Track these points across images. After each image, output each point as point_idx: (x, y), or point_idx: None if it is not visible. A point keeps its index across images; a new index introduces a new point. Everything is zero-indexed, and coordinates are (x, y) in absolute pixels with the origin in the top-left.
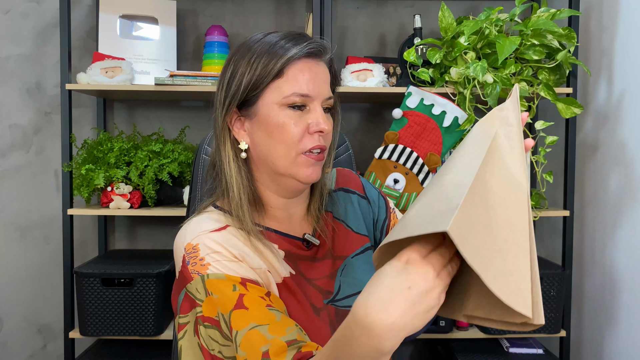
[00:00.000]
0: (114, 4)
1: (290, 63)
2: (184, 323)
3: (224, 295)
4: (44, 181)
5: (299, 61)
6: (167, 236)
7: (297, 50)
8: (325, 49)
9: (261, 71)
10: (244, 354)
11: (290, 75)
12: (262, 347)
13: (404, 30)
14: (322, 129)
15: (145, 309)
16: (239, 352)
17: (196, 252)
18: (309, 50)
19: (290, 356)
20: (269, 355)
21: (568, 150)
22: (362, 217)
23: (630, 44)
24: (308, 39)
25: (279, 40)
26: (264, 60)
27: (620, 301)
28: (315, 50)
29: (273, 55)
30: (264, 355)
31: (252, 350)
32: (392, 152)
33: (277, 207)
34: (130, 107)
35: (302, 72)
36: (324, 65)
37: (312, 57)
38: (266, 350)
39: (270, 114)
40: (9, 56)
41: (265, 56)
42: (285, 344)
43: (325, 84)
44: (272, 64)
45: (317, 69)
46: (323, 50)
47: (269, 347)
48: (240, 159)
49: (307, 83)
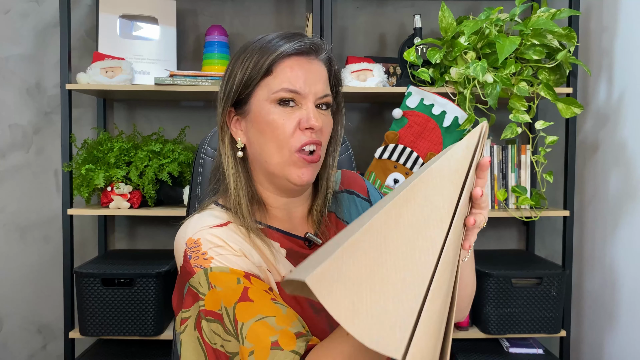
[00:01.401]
0: (114, 4)
1: (279, 60)
2: (186, 317)
3: (228, 288)
4: (44, 181)
5: (289, 58)
6: (167, 236)
7: (287, 47)
8: (318, 46)
9: (252, 69)
10: (251, 345)
11: (279, 72)
12: (271, 337)
13: (404, 30)
14: (312, 125)
15: (145, 309)
16: (245, 344)
17: (198, 247)
18: (298, 47)
19: (301, 345)
20: (278, 344)
21: (568, 150)
22: None
23: (630, 44)
24: (301, 37)
25: (273, 39)
26: (255, 59)
27: (620, 301)
28: (306, 47)
29: (263, 53)
30: (274, 344)
31: (260, 341)
32: (392, 152)
33: (276, 207)
34: (130, 107)
35: (291, 69)
36: (319, 63)
37: (303, 54)
38: (275, 340)
39: (261, 111)
40: (9, 56)
41: (257, 54)
42: (294, 334)
43: (319, 82)
44: (262, 61)
45: (308, 66)
46: (315, 48)
47: (278, 337)
48: (237, 158)
49: (297, 79)
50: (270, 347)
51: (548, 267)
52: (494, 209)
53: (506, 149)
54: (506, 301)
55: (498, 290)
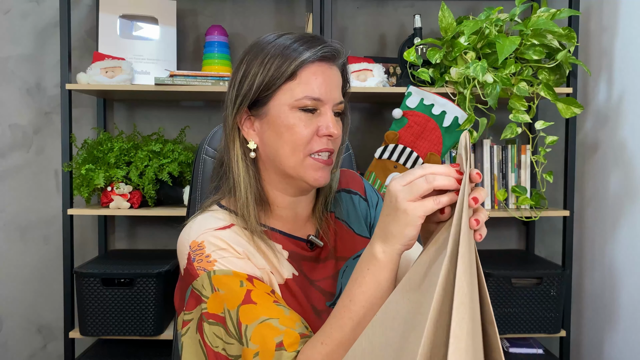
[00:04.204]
0: (114, 4)
1: (303, 66)
2: (188, 320)
3: (232, 290)
4: (44, 181)
5: (313, 64)
6: (167, 236)
7: (311, 53)
8: (339, 53)
9: (274, 72)
10: (255, 347)
11: (303, 78)
12: (275, 338)
13: (404, 30)
14: (331, 133)
15: (145, 309)
16: (250, 346)
17: (202, 250)
18: (323, 54)
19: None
20: (283, 345)
21: (568, 150)
22: (363, 218)
23: (630, 44)
24: (322, 42)
25: (293, 43)
26: (277, 62)
27: (620, 301)
28: (330, 54)
29: (287, 57)
30: (278, 345)
31: (265, 342)
32: (392, 152)
33: (283, 207)
34: (130, 107)
35: (315, 76)
36: (337, 69)
37: (325, 60)
38: (280, 341)
39: (281, 115)
40: (9, 56)
41: (279, 58)
42: (299, 335)
43: (337, 88)
44: (285, 65)
45: (329, 73)
46: (337, 54)
47: (283, 338)
48: (248, 158)
49: (320, 87)
50: (275, 348)
51: (548, 267)
52: (494, 209)
53: (506, 149)
54: (506, 301)
55: (498, 290)
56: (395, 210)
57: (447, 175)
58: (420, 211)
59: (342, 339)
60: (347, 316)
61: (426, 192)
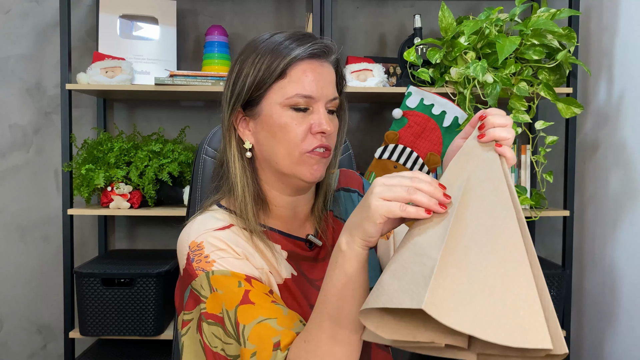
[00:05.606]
0: (114, 4)
1: (293, 63)
2: (188, 320)
3: (230, 291)
4: (44, 181)
5: (303, 62)
6: (167, 236)
7: (301, 50)
8: (330, 49)
9: (265, 71)
10: (253, 347)
11: (294, 76)
12: (273, 338)
13: (404, 30)
14: (324, 130)
15: (145, 309)
16: (247, 345)
17: (201, 250)
18: (312, 51)
19: None
20: (280, 345)
21: (568, 150)
22: None
23: (630, 44)
24: (313, 39)
25: (284, 40)
26: (267, 60)
27: (620, 301)
28: (320, 50)
29: (277, 56)
30: (275, 345)
31: (262, 342)
32: (392, 152)
33: (281, 206)
34: (130, 107)
35: (305, 73)
36: (329, 66)
37: (316, 57)
38: (277, 341)
39: (273, 115)
40: (9, 56)
41: (269, 56)
42: (296, 334)
43: (330, 85)
44: (275, 64)
45: (321, 70)
46: (327, 51)
47: (280, 338)
48: (245, 159)
49: (310, 84)
50: (273, 348)
51: (548, 267)
52: None
53: None
54: None
55: None
56: (364, 202)
57: (431, 195)
58: (382, 210)
59: (322, 335)
60: (325, 312)
61: (402, 200)
